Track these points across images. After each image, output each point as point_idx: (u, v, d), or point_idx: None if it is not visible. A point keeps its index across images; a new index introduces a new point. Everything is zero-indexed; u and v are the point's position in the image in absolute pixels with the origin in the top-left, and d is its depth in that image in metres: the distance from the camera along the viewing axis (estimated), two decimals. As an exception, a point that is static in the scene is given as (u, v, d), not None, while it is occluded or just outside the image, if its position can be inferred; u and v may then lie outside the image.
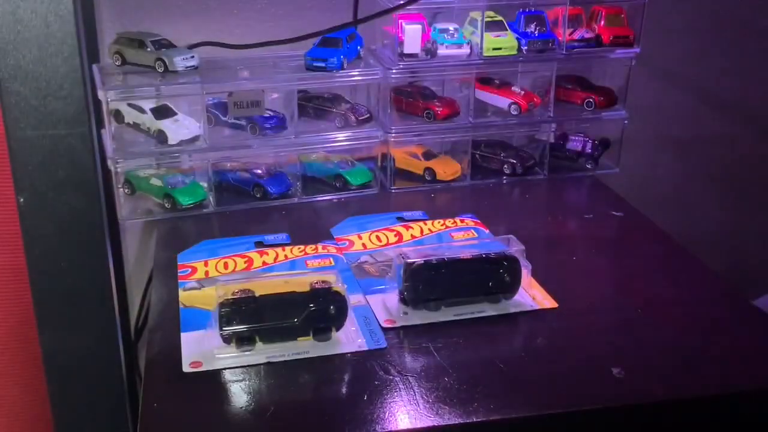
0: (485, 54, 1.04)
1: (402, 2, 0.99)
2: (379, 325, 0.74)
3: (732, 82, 1.35)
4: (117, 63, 0.99)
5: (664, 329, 0.74)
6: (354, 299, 0.76)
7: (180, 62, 0.96)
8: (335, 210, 1.00)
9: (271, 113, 1.02)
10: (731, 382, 0.67)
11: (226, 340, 0.69)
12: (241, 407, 0.63)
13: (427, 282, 0.75)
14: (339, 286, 0.71)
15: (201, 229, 0.95)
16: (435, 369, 0.68)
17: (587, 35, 1.08)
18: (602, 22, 1.08)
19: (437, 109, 1.06)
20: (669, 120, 1.35)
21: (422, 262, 0.75)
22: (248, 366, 0.68)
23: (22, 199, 0.75)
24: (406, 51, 1.01)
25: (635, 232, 0.95)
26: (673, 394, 0.65)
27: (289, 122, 1.02)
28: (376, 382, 0.66)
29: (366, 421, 0.61)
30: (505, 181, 1.10)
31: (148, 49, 0.96)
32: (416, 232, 0.92)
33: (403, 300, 0.76)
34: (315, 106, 1.06)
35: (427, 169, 1.09)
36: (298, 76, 1.00)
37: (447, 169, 1.09)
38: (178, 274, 0.83)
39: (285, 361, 0.69)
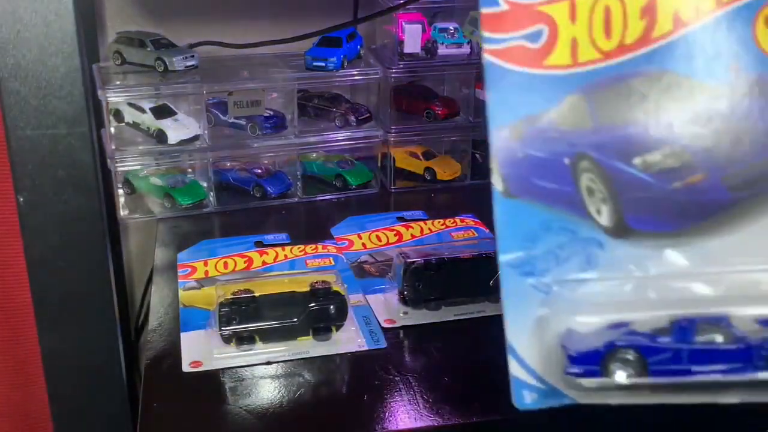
0: (485, 54, 1.03)
1: (402, 2, 0.99)
2: (379, 324, 0.74)
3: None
4: (117, 62, 0.99)
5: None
6: (354, 299, 0.76)
7: (180, 62, 0.96)
8: (335, 210, 1.00)
9: (271, 113, 1.02)
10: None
11: (226, 339, 0.69)
12: (241, 407, 0.63)
13: (427, 282, 0.75)
14: (339, 286, 0.71)
15: (201, 228, 0.95)
16: (435, 369, 0.68)
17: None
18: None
19: (437, 109, 1.06)
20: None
21: (422, 261, 0.75)
22: (248, 366, 0.68)
23: (21, 199, 0.75)
24: (406, 50, 1.01)
25: (635, 232, 0.95)
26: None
27: (289, 122, 1.02)
28: (376, 382, 0.66)
29: (366, 421, 0.61)
30: (505, 181, 1.10)
31: (148, 49, 0.96)
32: (416, 232, 0.92)
33: (403, 300, 0.76)
34: (315, 106, 1.06)
35: (427, 168, 1.08)
36: (298, 75, 1.00)
37: (447, 169, 1.09)
38: (178, 273, 0.83)
39: (285, 360, 0.68)
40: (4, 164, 0.76)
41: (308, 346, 0.70)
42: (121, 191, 0.98)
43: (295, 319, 0.69)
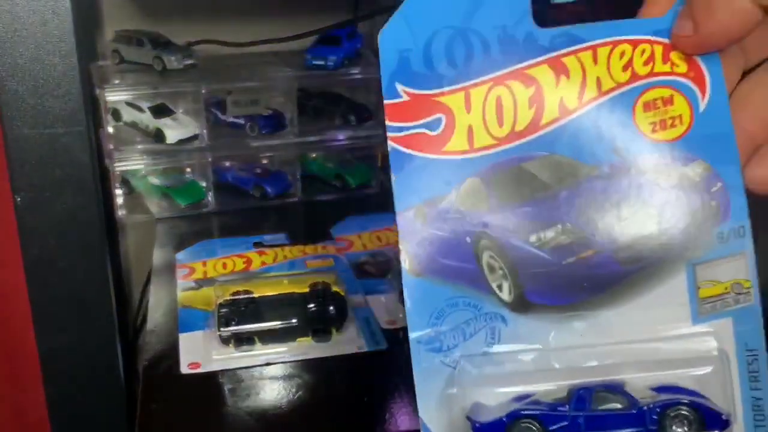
0: (486, 53, 1.03)
1: None
2: (380, 326, 0.73)
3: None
4: (115, 61, 0.98)
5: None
6: (354, 300, 0.76)
7: (178, 60, 0.95)
8: (335, 210, 1.00)
9: (271, 112, 1.01)
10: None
11: (225, 341, 0.68)
12: (240, 409, 0.63)
13: (427, 282, 0.74)
14: (339, 287, 0.70)
15: (199, 228, 0.95)
16: (436, 370, 0.67)
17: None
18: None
19: (438, 108, 1.06)
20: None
21: (423, 262, 0.74)
22: (247, 367, 0.67)
23: (19, 198, 0.74)
24: (406, 49, 1.01)
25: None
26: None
27: (289, 121, 1.01)
28: (377, 384, 0.66)
29: (366, 423, 0.61)
30: (505, 181, 1.10)
31: (146, 47, 0.96)
32: (416, 232, 0.91)
33: (404, 300, 0.75)
34: (315, 105, 1.06)
35: (428, 168, 1.08)
36: (297, 74, 0.99)
37: (447, 168, 1.08)
38: (177, 274, 0.82)
39: (284, 362, 0.68)
40: (2, 164, 0.76)
41: (308, 348, 0.69)
42: (119, 191, 0.97)
43: (294, 321, 0.69)
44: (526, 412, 0.37)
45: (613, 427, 0.37)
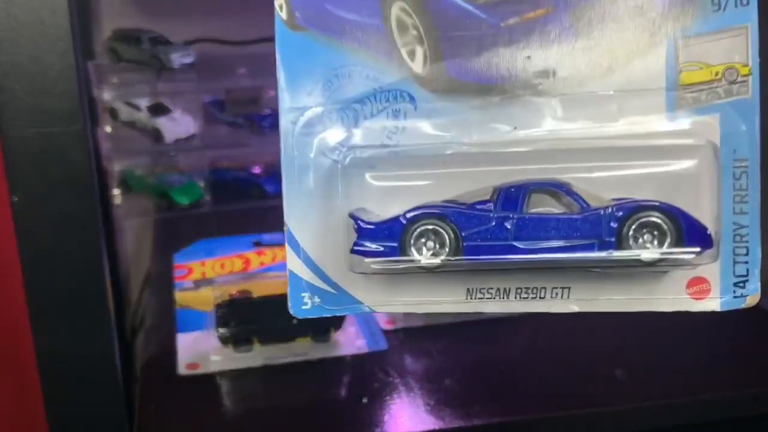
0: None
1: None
2: (379, 326, 0.73)
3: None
4: (113, 60, 0.98)
5: (667, 329, 0.73)
6: (353, 300, 0.76)
7: (176, 59, 0.95)
8: (334, 209, 1.00)
9: (269, 111, 1.01)
10: (738, 384, 0.66)
11: (223, 341, 0.68)
12: (239, 410, 0.62)
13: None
14: (338, 287, 0.70)
15: (198, 228, 0.94)
16: (436, 371, 0.67)
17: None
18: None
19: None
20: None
21: (422, 262, 0.73)
22: (245, 368, 0.67)
23: (16, 198, 0.74)
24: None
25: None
26: (677, 396, 0.64)
27: (287, 120, 1.01)
28: (376, 385, 0.65)
29: (366, 424, 0.61)
30: (505, 180, 1.09)
31: (144, 46, 0.95)
32: (416, 232, 0.91)
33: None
34: (313, 104, 1.05)
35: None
36: (296, 73, 0.99)
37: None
38: (175, 274, 0.82)
39: (283, 363, 0.68)
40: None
41: (307, 348, 0.69)
42: (117, 190, 0.97)
43: (293, 321, 0.68)
44: (432, 211, 0.27)
45: (552, 236, 0.26)
